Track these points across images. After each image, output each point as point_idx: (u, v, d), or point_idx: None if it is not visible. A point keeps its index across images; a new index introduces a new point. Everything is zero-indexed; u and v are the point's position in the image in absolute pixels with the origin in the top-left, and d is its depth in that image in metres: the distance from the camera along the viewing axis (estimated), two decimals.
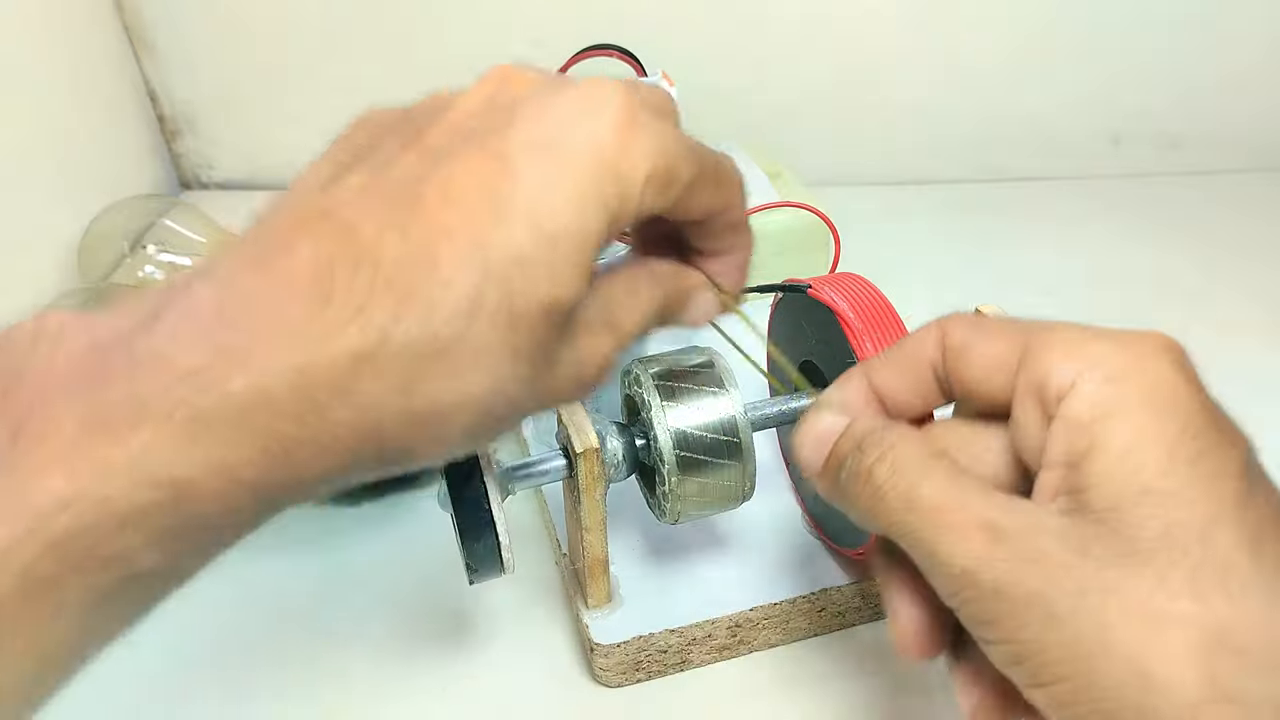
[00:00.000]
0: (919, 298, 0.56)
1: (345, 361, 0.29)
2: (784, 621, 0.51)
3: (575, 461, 0.45)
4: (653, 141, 0.34)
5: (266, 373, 0.28)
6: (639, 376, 0.47)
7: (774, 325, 0.55)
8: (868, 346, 0.45)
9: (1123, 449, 0.31)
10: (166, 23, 0.87)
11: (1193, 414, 0.32)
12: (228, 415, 0.28)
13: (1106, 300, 0.76)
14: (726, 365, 0.48)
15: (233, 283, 0.30)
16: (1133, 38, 0.88)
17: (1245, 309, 0.76)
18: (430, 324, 0.30)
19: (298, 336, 0.29)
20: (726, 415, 0.46)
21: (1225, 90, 0.91)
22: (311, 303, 0.29)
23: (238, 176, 0.96)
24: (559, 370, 0.35)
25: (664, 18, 0.85)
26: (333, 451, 0.30)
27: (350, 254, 0.30)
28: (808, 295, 0.49)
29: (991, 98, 0.91)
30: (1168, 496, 0.30)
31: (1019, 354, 0.34)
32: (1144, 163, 0.94)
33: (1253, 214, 0.88)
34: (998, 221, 0.89)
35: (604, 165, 0.33)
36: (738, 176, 0.39)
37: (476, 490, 0.42)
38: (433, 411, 0.31)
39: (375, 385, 0.30)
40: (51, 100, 0.78)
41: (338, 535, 0.58)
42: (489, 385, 0.32)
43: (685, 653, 0.50)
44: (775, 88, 0.90)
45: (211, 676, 0.51)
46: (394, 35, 0.87)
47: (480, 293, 0.30)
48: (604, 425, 0.47)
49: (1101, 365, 0.32)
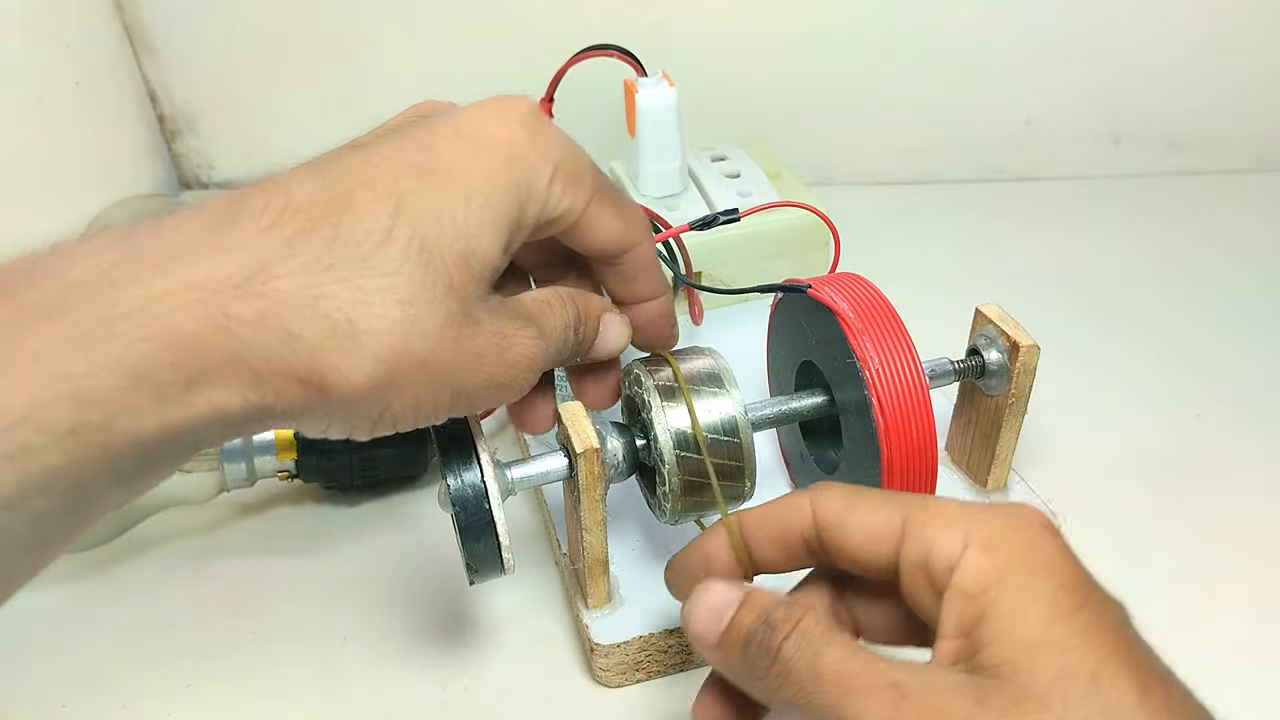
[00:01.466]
0: (919, 298, 0.56)
1: (251, 267, 0.32)
2: None
3: (575, 461, 0.45)
4: (559, 140, 0.39)
5: (155, 281, 0.31)
6: (639, 377, 0.47)
7: (774, 326, 0.55)
8: (867, 345, 0.46)
9: (1008, 610, 0.33)
10: (166, 23, 0.88)
11: (1067, 574, 0.33)
12: (122, 315, 0.30)
13: (1106, 300, 0.77)
14: (726, 365, 0.48)
15: (169, 220, 0.33)
16: (1133, 38, 0.88)
17: (1245, 309, 0.76)
18: (337, 242, 0.33)
19: (196, 252, 0.32)
20: (727, 415, 0.46)
21: (1225, 90, 0.91)
22: (218, 226, 0.33)
23: (238, 176, 0.96)
24: (481, 331, 0.37)
25: (664, 17, 0.85)
26: (241, 362, 0.32)
27: (268, 195, 0.34)
28: (807, 295, 0.49)
29: (991, 98, 0.91)
30: (1053, 646, 0.31)
31: (898, 526, 0.36)
32: (1144, 163, 0.94)
33: (1252, 214, 0.88)
34: (998, 221, 0.89)
35: (514, 150, 0.38)
36: (643, 218, 0.44)
37: (477, 490, 0.43)
38: (346, 332, 0.33)
39: (282, 285, 0.32)
40: (51, 100, 0.79)
41: (338, 536, 0.59)
42: (402, 313, 0.34)
43: (685, 653, 0.50)
44: (775, 87, 0.90)
45: (211, 677, 0.51)
46: (394, 35, 0.88)
47: (392, 225, 0.34)
48: (604, 425, 0.48)
49: (979, 535, 0.34)
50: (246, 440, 0.57)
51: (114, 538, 0.58)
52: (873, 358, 0.45)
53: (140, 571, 0.58)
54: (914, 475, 0.46)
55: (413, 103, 0.42)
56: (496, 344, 0.38)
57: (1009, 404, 0.51)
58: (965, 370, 0.52)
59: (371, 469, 0.59)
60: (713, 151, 0.77)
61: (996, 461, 0.53)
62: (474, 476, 0.43)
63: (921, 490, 0.46)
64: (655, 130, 0.69)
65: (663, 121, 0.69)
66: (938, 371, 0.51)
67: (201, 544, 0.59)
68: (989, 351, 0.51)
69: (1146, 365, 0.70)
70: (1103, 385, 0.67)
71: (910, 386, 0.45)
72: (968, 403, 0.55)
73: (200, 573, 0.57)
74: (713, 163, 0.75)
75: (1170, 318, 0.75)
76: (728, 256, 0.69)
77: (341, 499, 0.61)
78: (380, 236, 0.34)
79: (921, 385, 0.45)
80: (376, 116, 0.95)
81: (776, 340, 0.55)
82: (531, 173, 0.38)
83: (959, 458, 0.56)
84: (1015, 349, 0.49)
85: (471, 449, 0.43)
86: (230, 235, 0.32)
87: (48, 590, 0.56)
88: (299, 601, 0.55)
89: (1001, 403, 0.51)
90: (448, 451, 0.43)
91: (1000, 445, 0.53)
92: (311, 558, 0.57)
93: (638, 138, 0.69)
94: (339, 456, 0.57)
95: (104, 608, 0.56)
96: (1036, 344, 0.50)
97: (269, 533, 0.60)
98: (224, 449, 0.56)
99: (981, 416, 0.53)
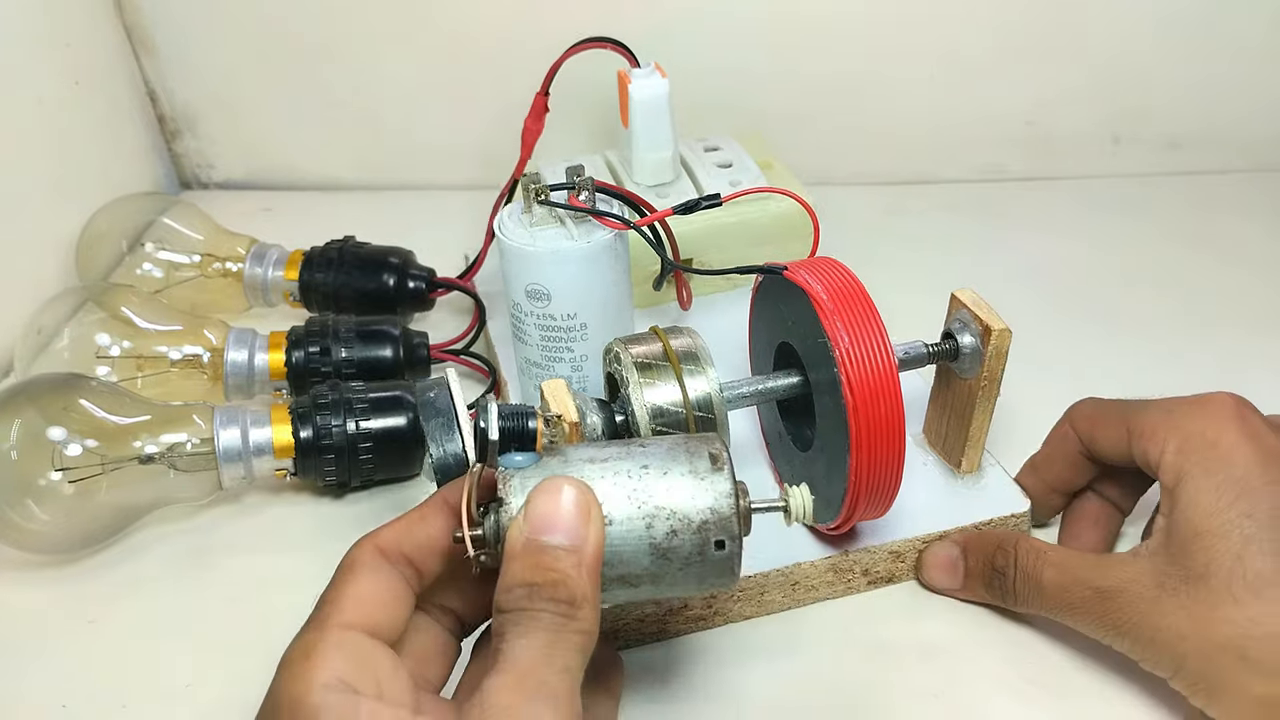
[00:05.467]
0: (918, 297, 0.59)
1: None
2: (758, 594, 0.55)
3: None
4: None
5: None
6: (619, 355, 0.52)
7: (755, 309, 0.59)
8: (838, 325, 0.49)
9: (1186, 503, 0.46)
10: (166, 23, 0.91)
11: (1237, 466, 0.46)
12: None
13: (1107, 300, 0.80)
14: (704, 345, 0.52)
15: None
16: (1133, 38, 0.91)
17: (1245, 309, 0.79)
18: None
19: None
20: (702, 393, 0.51)
21: (1225, 90, 0.93)
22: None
23: (237, 176, 1.00)
24: None
25: (664, 17, 0.88)
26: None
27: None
28: (785, 279, 0.53)
29: (991, 98, 0.94)
30: (1212, 534, 0.45)
31: (1125, 435, 0.51)
32: (1144, 163, 0.97)
33: (1252, 214, 0.91)
34: (998, 221, 0.91)
35: None
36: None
37: (459, 460, 0.46)
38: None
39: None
40: (51, 100, 0.81)
41: (336, 534, 0.58)
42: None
43: (663, 622, 0.54)
44: (776, 88, 0.93)
45: (210, 676, 0.54)
46: (393, 34, 0.91)
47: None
48: (585, 401, 0.51)
49: (1174, 439, 0.48)
50: (244, 440, 0.59)
51: (113, 537, 0.61)
52: (843, 337, 0.49)
53: (139, 571, 0.60)
54: (882, 451, 0.49)
55: (412, 103, 0.44)
56: None
57: (981, 387, 0.55)
58: (939, 353, 0.56)
59: (368, 468, 0.62)
60: (706, 142, 0.81)
61: (970, 443, 0.57)
62: (455, 447, 0.46)
63: (890, 467, 0.50)
64: (647, 120, 0.73)
65: (655, 111, 0.73)
66: (912, 354, 0.55)
67: (200, 543, 0.62)
68: (962, 335, 0.55)
69: (1146, 365, 0.72)
70: (1102, 386, 0.69)
71: (879, 365, 0.49)
72: (943, 387, 0.59)
73: (199, 572, 0.60)
74: (705, 153, 0.80)
75: (1169, 317, 0.78)
76: (717, 244, 0.74)
77: (339, 498, 0.64)
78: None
79: (890, 365, 0.49)
80: (376, 116, 0.99)
81: (757, 323, 0.59)
82: None
83: (935, 441, 0.61)
84: (988, 332, 0.53)
85: (454, 420, 0.47)
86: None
87: (47, 590, 0.59)
88: (298, 600, 0.56)
89: (974, 386, 0.55)
90: (431, 422, 0.47)
91: (973, 428, 0.56)
92: (310, 556, 0.56)
93: (630, 127, 0.74)
94: (337, 456, 0.60)
95: (104, 608, 0.58)
96: (1008, 328, 0.53)
97: (267, 532, 0.63)
98: (222, 449, 0.59)
99: (956, 400, 0.57)
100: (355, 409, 0.61)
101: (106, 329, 0.66)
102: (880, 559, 0.56)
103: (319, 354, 0.67)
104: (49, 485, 0.57)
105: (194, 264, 0.76)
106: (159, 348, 0.67)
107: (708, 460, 0.42)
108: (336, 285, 0.75)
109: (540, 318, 0.61)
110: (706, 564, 0.41)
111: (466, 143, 0.95)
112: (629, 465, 0.41)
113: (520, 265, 0.60)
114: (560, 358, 0.62)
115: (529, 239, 0.59)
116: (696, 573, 0.41)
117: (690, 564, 0.41)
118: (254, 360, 0.67)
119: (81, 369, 0.64)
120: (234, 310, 0.77)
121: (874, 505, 0.52)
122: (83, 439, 0.57)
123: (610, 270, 0.61)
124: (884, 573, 0.56)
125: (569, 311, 0.61)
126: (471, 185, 0.92)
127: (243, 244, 0.77)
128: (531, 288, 0.60)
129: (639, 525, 0.40)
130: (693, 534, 0.41)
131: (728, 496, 0.41)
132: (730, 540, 0.41)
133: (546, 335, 0.62)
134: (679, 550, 0.41)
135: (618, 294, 0.62)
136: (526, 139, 0.74)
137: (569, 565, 0.38)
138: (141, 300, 0.68)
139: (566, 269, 0.59)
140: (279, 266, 0.76)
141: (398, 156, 0.98)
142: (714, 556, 0.41)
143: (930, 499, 0.58)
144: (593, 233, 0.59)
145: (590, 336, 0.61)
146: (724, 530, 0.41)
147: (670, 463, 0.42)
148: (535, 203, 0.59)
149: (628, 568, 0.41)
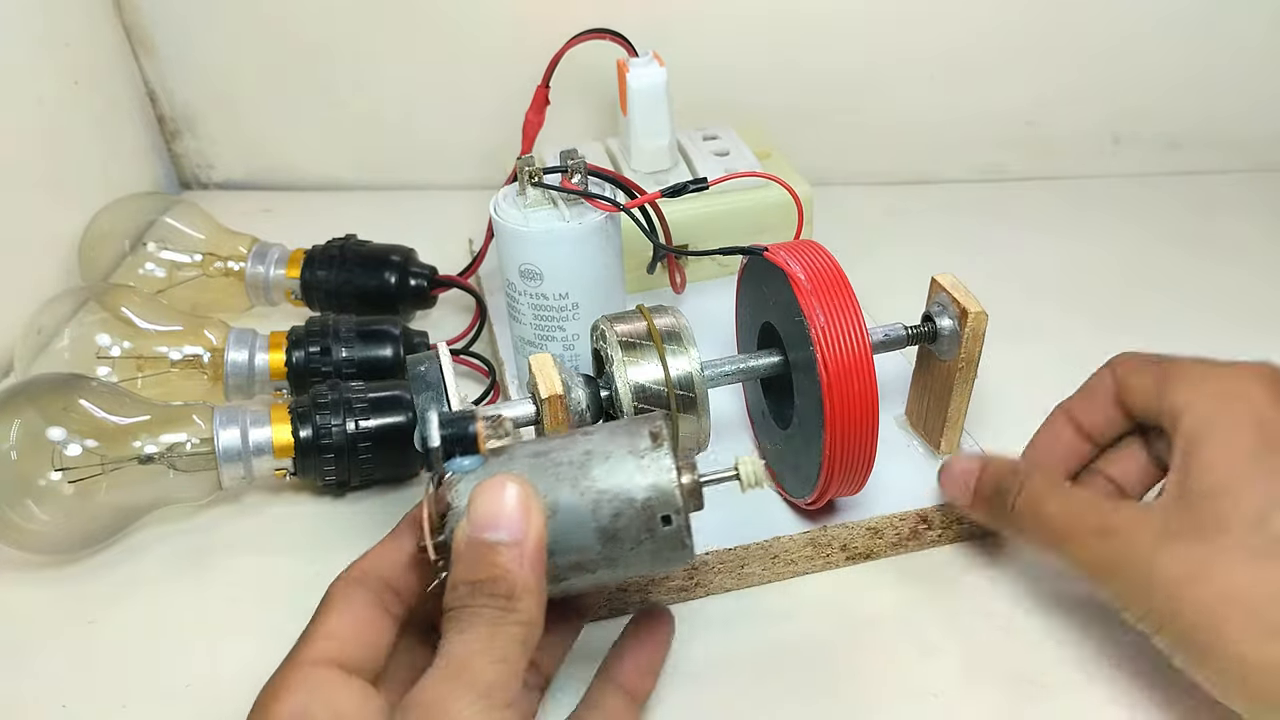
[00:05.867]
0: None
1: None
2: (738, 566, 0.55)
3: (541, 407, 0.50)
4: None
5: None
6: (604, 333, 0.53)
7: (740, 291, 0.60)
8: (815, 305, 0.50)
9: (1210, 455, 0.46)
10: (166, 23, 0.92)
11: (1261, 425, 0.46)
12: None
13: (1107, 300, 0.80)
14: (687, 325, 0.53)
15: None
16: (1133, 38, 0.92)
17: (1244, 309, 0.79)
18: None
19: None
20: (684, 371, 0.51)
21: (1225, 90, 0.94)
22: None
23: (237, 176, 1.01)
24: None
25: (664, 15, 0.89)
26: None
27: None
28: (765, 258, 0.53)
29: (991, 98, 0.95)
30: (1230, 492, 0.45)
31: (1154, 387, 0.51)
32: (1144, 163, 0.97)
33: (1252, 214, 0.91)
34: (998, 221, 0.92)
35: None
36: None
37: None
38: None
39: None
40: (51, 100, 0.82)
41: (335, 534, 0.62)
42: None
43: (644, 592, 0.55)
44: (776, 88, 0.94)
45: (210, 676, 0.54)
46: (392, 33, 0.92)
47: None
48: (571, 376, 0.53)
49: (1204, 393, 0.48)
50: (244, 440, 0.60)
51: (113, 538, 0.61)
52: (819, 316, 0.50)
53: (139, 571, 0.60)
54: (855, 428, 0.50)
55: (412, 103, 0.45)
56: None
57: (959, 368, 0.55)
58: (918, 335, 0.57)
59: (368, 467, 0.62)
60: (705, 131, 0.83)
61: (949, 424, 0.58)
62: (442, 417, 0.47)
63: (864, 443, 0.51)
64: (645, 107, 0.75)
65: (652, 99, 0.74)
66: (892, 336, 0.56)
67: (200, 543, 0.62)
68: (941, 318, 0.56)
69: None
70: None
71: (853, 345, 0.50)
72: (924, 369, 0.59)
73: (199, 572, 0.60)
74: (704, 141, 0.81)
75: (1169, 317, 0.78)
76: (712, 230, 0.75)
77: (339, 497, 0.64)
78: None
79: (864, 344, 0.50)
80: (376, 116, 1.00)
81: (742, 304, 0.61)
82: None
83: (916, 422, 0.62)
84: (965, 315, 0.54)
85: (443, 396, 0.48)
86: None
87: (47, 590, 0.59)
88: (298, 599, 0.56)
89: (953, 367, 0.56)
90: (421, 395, 0.48)
91: (951, 409, 0.57)
92: (310, 556, 0.57)
93: (629, 115, 0.75)
94: (336, 456, 0.61)
95: (104, 607, 0.58)
96: (985, 311, 0.54)
97: (267, 532, 0.63)
98: (222, 449, 0.59)
99: (935, 382, 0.58)
100: (355, 408, 0.61)
101: (107, 329, 0.66)
102: (858, 535, 0.56)
103: (319, 354, 0.67)
104: (49, 485, 0.57)
105: (196, 263, 0.76)
106: (159, 348, 0.67)
107: (648, 439, 0.42)
108: (338, 283, 0.75)
109: (533, 297, 0.62)
110: (657, 540, 0.41)
111: (467, 142, 0.96)
112: (571, 454, 0.42)
113: (514, 245, 0.61)
114: (553, 336, 0.64)
115: (522, 220, 0.61)
116: (649, 550, 0.42)
117: (641, 543, 0.41)
118: (254, 360, 0.68)
119: (82, 369, 0.64)
120: (236, 309, 0.78)
121: (848, 481, 0.53)
122: (82, 439, 0.57)
123: (601, 251, 0.62)
124: (862, 548, 0.57)
125: (561, 291, 0.62)
126: (472, 184, 0.94)
127: (244, 243, 0.77)
128: (525, 267, 0.61)
129: (585, 511, 0.41)
130: (637, 512, 0.41)
131: (669, 471, 0.41)
132: (675, 514, 0.41)
133: (539, 314, 0.63)
134: (627, 530, 0.41)
135: (609, 275, 0.63)
136: (528, 131, 0.76)
137: (509, 559, 0.39)
138: (142, 300, 0.68)
139: (559, 249, 0.61)
140: (281, 265, 0.77)
141: (398, 156, 0.99)
142: (663, 532, 0.41)
143: (909, 478, 0.59)
144: (584, 214, 0.61)
145: (581, 316, 0.63)
146: (668, 505, 0.41)
147: (611, 446, 0.42)
148: (529, 184, 0.60)
149: (580, 554, 0.41)
